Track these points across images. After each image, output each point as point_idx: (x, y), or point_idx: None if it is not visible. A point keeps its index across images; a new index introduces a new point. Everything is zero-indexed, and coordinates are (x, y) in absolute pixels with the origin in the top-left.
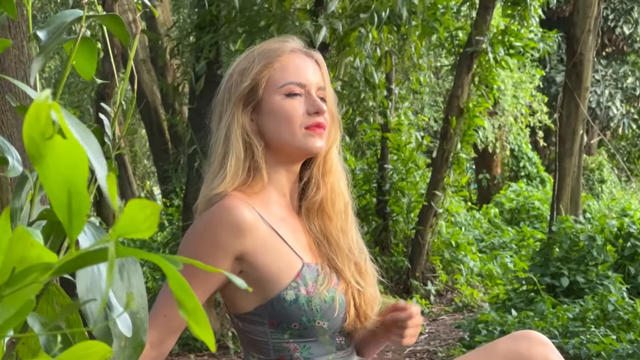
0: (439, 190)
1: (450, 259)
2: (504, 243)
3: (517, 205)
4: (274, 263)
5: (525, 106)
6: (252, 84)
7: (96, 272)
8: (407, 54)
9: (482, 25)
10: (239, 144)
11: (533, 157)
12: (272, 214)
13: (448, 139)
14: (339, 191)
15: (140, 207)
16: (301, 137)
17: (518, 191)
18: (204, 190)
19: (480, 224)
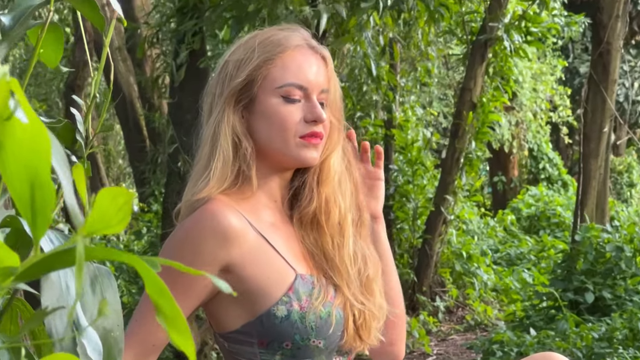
0: (449, 195)
1: (461, 272)
2: (521, 254)
3: (536, 212)
4: (263, 275)
5: (545, 101)
6: (246, 80)
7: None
8: (413, 42)
9: (497, 10)
10: (227, 145)
11: (554, 157)
12: (262, 220)
13: (459, 137)
14: (335, 203)
15: (112, 196)
16: (294, 147)
17: (537, 196)
18: (186, 194)
19: (495, 232)
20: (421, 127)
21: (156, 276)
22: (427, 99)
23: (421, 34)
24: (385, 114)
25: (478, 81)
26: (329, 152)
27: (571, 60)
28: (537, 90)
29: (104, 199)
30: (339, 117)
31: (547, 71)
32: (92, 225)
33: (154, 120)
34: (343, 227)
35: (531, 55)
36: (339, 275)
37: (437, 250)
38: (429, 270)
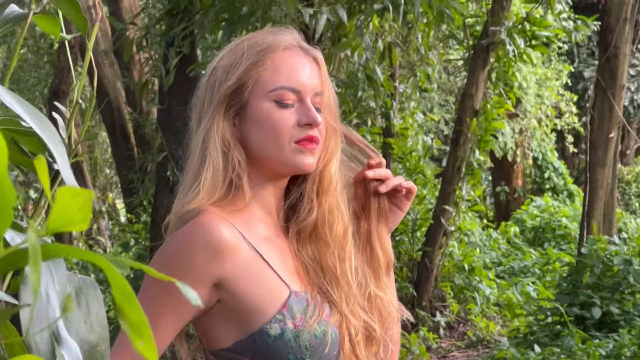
0: (449, 205)
1: (462, 286)
2: (525, 267)
3: (541, 223)
4: (256, 291)
5: (550, 107)
6: (236, 85)
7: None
8: (412, 46)
9: (499, 13)
10: (217, 154)
11: (560, 166)
12: (256, 234)
13: (460, 145)
14: (338, 213)
15: (72, 194)
16: (289, 153)
17: (542, 207)
18: (176, 205)
19: (498, 244)
20: (421, 134)
21: (123, 279)
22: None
23: (421, 37)
24: (383, 121)
25: (480, 87)
26: (328, 159)
27: (576, 64)
28: (541, 96)
29: (64, 197)
30: (335, 121)
31: (552, 76)
32: (54, 222)
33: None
34: (346, 238)
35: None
36: (339, 289)
37: (438, 263)
38: (429, 284)
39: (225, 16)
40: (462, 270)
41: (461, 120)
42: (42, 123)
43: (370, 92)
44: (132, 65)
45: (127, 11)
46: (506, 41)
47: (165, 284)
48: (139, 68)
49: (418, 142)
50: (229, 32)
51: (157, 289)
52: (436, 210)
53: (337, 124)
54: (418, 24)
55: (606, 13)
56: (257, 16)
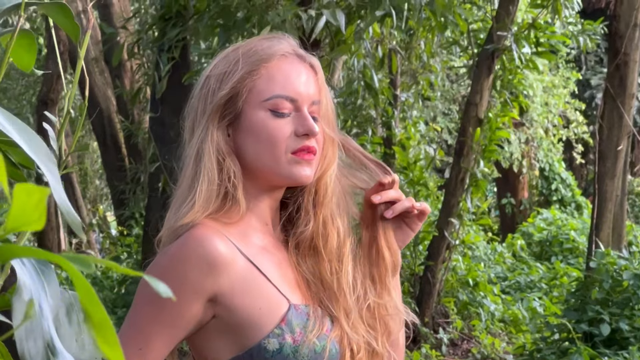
0: (453, 218)
1: (466, 301)
2: (532, 282)
3: (547, 237)
4: (254, 305)
5: (557, 116)
6: (230, 94)
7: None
8: (415, 53)
9: (505, 18)
10: (212, 165)
11: (567, 177)
12: (252, 245)
13: (464, 156)
14: (333, 226)
15: (28, 192)
16: (285, 164)
17: (549, 219)
18: (168, 219)
19: (503, 258)
20: (424, 144)
21: (85, 280)
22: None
23: (424, 44)
24: (384, 130)
25: (484, 95)
26: (325, 170)
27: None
28: (548, 105)
29: (20, 195)
30: (333, 131)
31: (559, 84)
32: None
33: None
34: (342, 251)
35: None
36: (337, 304)
37: (441, 278)
38: (432, 299)
39: (220, 21)
40: (466, 285)
41: (465, 129)
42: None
43: (370, 100)
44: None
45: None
46: (512, 47)
47: (158, 300)
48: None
49: (420, 152)
50: (224, 38)
51: (150, 305)
52: (439, 223)
53: (335, 134)
54: (420, 30)
55: (615, 19)
56: (253, 22)
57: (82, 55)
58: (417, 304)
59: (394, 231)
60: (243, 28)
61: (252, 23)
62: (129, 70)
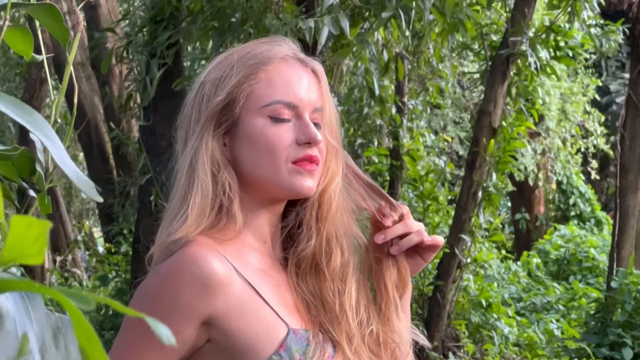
0: (464, 234)
1: (479, 324)
2: (548, 303)
3: (565, 255)
4: (251, 330)
5: (576, 125)
6: (226, 100)
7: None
8: (423, 57)
9: (520, 21)
10: (206, 177)
11: (586, 191)
12: (249, 266)
13: (477, 168)
14: (337, 243)
15: (27, 225)
16: (286, 175)
17: (567, 236)
18: (160, 235)
19: (518, 278)
20: (433, 156)
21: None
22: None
23: (433, 48)
24: (390, 141)
25: (499, 103)
26: (328, 182)
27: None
28: (566, 113)
29: (18, 227)
30: (337, 140)
31: (578, 91)
32: (8, 253)
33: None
34: (345, 271)
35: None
36: (339, 328)
37: (451, 298)
38: (441, 322)
39: (215, 24)
40: (478, 307)
41: (477, 139)
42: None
43: (375, 108)
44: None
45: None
46: (528, 52)
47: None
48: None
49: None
50: (218, 41)
51: (140, 330)
52: (449, 239)
53: (339, 144)
54: (429, 34)
55: (638, 21)
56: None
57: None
58: (426, 327)
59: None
60: (239, 31)
61: (249, 26)
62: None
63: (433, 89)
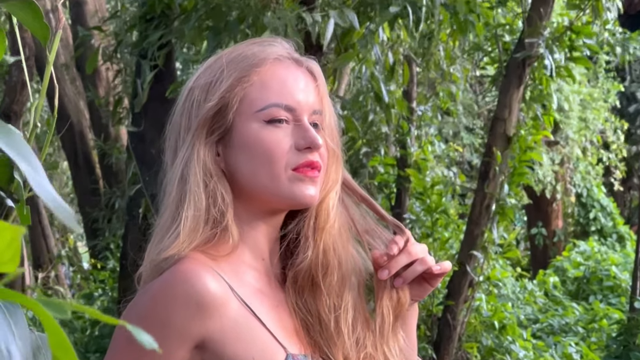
0: (477, 251)
1: (492, 347)
2: (567, 325)
3: (585, 273)
4: (247, 354)
5: (596, 134)
6: (218, 105)
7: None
8: (433, 60)
9: (537, 21)
10: (199, 189)
11: (608, 205)
12: (246, 285)
13: (490, 179)
14: (335, 255)
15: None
16: (286, 183)
17: (587, 252)
18: (150, 252)
19: (534, 298)
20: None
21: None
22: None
23: (443, 50)
24: (398, 149)
25: (514, 109)
26: (327, 191)
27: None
28: (586, 121)
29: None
30: (337, 144)
31: (599, 97)
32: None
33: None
34: (343, 285)
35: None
36: (335, 348)
37: (462, 319)
38: (452, 344)
39: (210, 23)
40: (491, 329)
41: (491, 149)
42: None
43: (381, 114)
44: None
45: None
46: (545, 54)
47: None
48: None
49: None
50: (213, 42)
51: (128, 352)
52: (460, 256)
53: (339, 149)
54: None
55: None
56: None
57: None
58: (435, 350)
59: (410, 285)
60: (236, 31)
61: (247, 25)
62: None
63: (444, 94)
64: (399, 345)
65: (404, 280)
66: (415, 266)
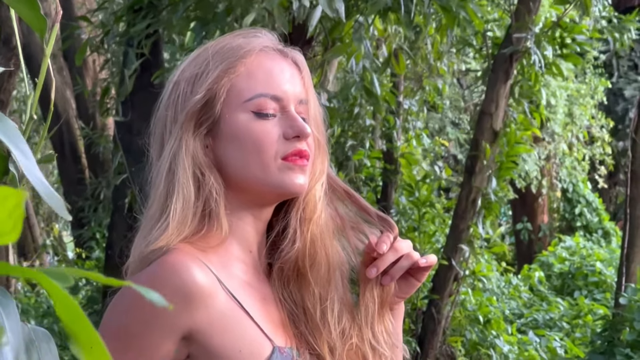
0: (462, 245)
1: (476, 341)
2: (551, 320)
3: (570, 268)
4: (234, 346)
5: (583, 130)
6: (206, 97)
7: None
8: (421, 54)
9: (525, 16)
10: (187, 181)
11: (594, 200)
12: (234, 277)
13: (476, 174)
14: (322, 245)
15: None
16: (276, 172)
17: (572, 248)
18: (138, 244)
19: (519, 292)
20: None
21: (66, 294)
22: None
23: (430, 44)
24: (384, 143)
25: (501, 104)
26: (314, 182)
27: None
28: (573, 116)
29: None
30: (322, 135)
31: (586, 93)
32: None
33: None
34: (329, 276)
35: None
36: (320, 338)
37: (447, 313)
38: (436, 338)
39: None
40: (475, 323)
41: (478, 143)
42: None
43: (367, 108)
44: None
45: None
46: (533, 50)
47: (124, 337)
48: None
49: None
50: (200, 33)
51: (115, 343)
52: (446, 250)
53: (324, 140)
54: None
55: None
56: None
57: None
58: (419, 344)
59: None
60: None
61: (235, 17)
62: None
63: (430, 88)
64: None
65: (392, 278)
66: (401, 262)
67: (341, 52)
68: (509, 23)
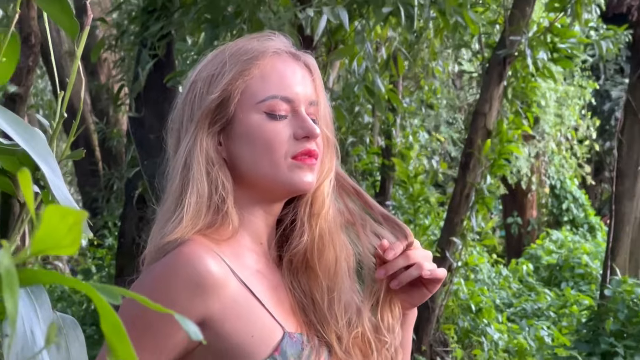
0: (456, 237)
1: (468, 329)
2: (539, 310)
3: (557, 261)
4: (246, 332)
5: (571, 129)
6: (221, 97)
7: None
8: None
9: (519, 20)
10: (201, 177)
11: (580, 196)
12: (245, 267)
13: (470, 170)
14: (330, 239)
15: (61, 215)
16: (286, 170)
17: (560, 241)
18: (154, 236)
19: (509, 283)
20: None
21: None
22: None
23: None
24: (383, 139)
25: (494, 104)
26: (322, 179)
27: (602, 82)
28: (561, 117)
29: (52, 216)
30: (331, 134)
31: (574, 94)
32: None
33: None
34: (337, 269)
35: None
36: (328, 328)
37: (440, 302)
38: (430, 326)
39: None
40: (468, 311)
41: (472, 141)
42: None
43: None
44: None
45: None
46: (526, 53)
47: (140, 323)
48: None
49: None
50: (210, 34)
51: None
52: (440, 242)
53: (333, 139)
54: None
55: (638, 24)
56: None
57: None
58: (414, 331)
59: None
60: (232, 24)
61: (243, 19)
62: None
63: (427, 88)
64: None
65: (399, 283)
66: (411, 270)
67: (344, 55)
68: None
